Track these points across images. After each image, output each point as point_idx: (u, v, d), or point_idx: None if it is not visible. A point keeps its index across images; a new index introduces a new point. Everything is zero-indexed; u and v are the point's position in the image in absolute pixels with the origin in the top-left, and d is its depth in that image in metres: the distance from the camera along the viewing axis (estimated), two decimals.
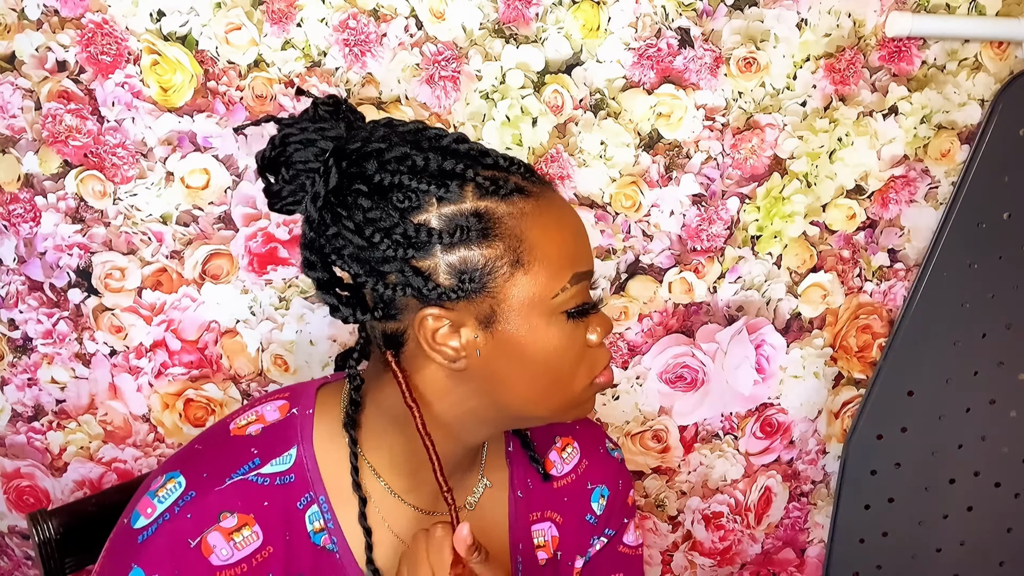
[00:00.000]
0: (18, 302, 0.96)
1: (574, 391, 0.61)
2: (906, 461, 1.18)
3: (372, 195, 0.57)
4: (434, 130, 0.60)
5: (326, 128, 0.59)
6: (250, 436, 0.63)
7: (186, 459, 0.63)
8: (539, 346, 0.58)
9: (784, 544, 1.25)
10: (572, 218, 0.61)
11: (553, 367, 0.59)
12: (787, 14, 0.98)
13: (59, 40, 0.87)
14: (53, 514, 0.77)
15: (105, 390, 1.00)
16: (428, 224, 0.57)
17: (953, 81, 1.05)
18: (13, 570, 1.08)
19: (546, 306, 0.58)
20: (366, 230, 0.57)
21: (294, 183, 0.59)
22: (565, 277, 0.58)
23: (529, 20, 0.93)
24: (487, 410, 0.61)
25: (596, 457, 0.75)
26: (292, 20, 0.90)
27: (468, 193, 0.57)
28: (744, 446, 1.17)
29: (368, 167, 0.57)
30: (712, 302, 1.08)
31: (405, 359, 0.60)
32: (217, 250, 0.96)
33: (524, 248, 0.57)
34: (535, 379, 0.60)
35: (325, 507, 0.63)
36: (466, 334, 0.58)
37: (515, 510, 0.70)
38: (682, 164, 1.02)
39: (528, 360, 0.59)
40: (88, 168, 0.92)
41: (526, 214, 0.58)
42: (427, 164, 0.57)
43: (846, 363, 1.16)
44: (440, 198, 0.57)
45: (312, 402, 0.65)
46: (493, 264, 0.57)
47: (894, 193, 1.08)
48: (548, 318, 0.58)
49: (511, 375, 0.59)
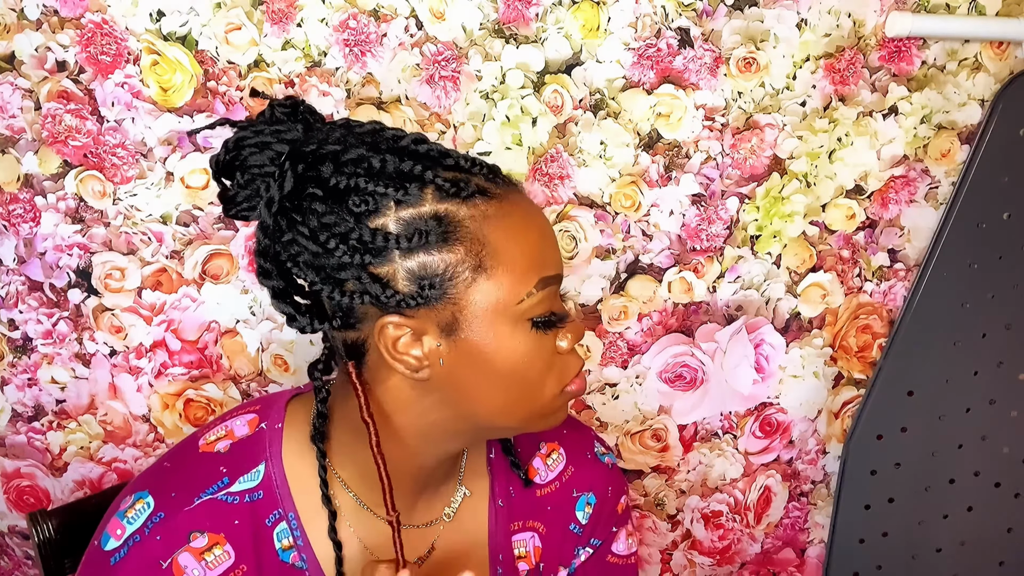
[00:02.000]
0: (18, 302, 0.96)
1: (543, 400, 0.59)
2: (906, 461, 1.18)
3: (327, 199, 0.55)
4: (392, 131, 0.58)
5: (282, 131, 0.57)
6: (218, 453, 0.62)
7: (154, 478, 0.61)
8: (504, 354, 0.56)
9: (784, 544, 1.25)
10: (538, 220, 0.59)
11: (520, 376, 0.57)
12: (787, 14, 0.98)
13: (59, 40, 0.87)
14: (52, 514, 0.77)
15: (105, 390, 1.00)
16: (385, 228, 0.54)
17: (953, 81, 1.05)
18: (14, 569, 1.09)
19: (511, 312, 0.56)
20: (321, 236, 0.55)
21: (249, 188, 0.57)
22: (531, 282, 0.56)
23: (529, 20, 0.93)
24: (454, 421, 0.60)
25: (583, 463, 0.73)
26: (292, 20, 0.90)
27: (428, 196, 0.55)
28: (743, 445, 1.17)
29: (324, 170, 0.55)
30: (711, 302, 1.09)
31: (368, 370, 0.59)
32: (217, 250, 0.97)
33: (486, 252, 0.55)
34: (501, 389, 0.58)
35: (294, 524, 0.62)
36: (428, 342, 0.56)
37: (495, 520, 0.68)
38: (682, 164, 1.02)
39: (493, 369, 0.57)
40: (88, 168, 0.92)
41: (488, 217, 0.55)
42: (384, 166, 0.55)
43: (846, 363, 1.16)
44: (398, 201, 0.55)
45: (282, 415, 0.64)
46: (454, 269, 0.55)
47: (894, 193, 1.08)
48: (513, 325, 0.56)
49: (476, 384, 0.57)
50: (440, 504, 0.66)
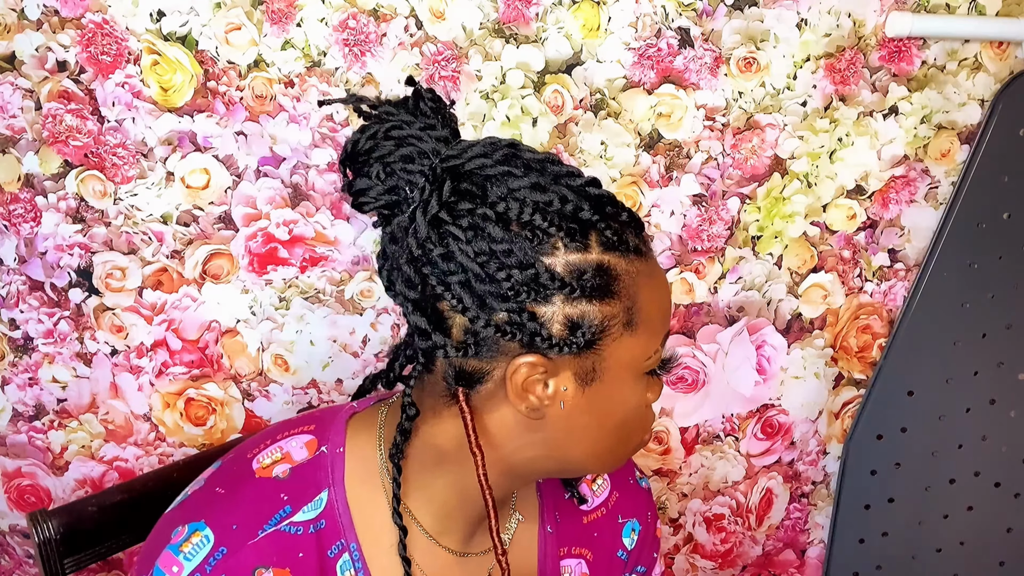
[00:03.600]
0: (19, 302, 0.96)
1: (629, 449, 0.61)
2: (906, 461, 1.18)
3: (498, 225, 0.51)
4: (566, 167, 0.55)
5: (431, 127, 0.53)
6: (277, 479, 0.58)
7: (209, 506, 0.57)
8: (623, 406, 0.57)
9: (785, 545, 1.25)
10: (666, 280, 0.60)
11: (626, 425, 0.59)
12: (787, 14, 0.98)
13: (59, 40, 0.87)
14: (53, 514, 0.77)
15: (106, 389, 1.01)
16: (554, 269, 0.52)
17: (953, 81, 1.05)
18: (14, 569, 1.09)
19: (639, 367, 0.57)
20: (491, 263, 0.51)
21: (388, 183, 0.53)
22: (659, 339, 0.57)
23: (529, 20, 0.93)
24: (545, 460, 0.58)
25: (627, 489, 0.72)
26: (292, 20, 0.90)
27: (593, 244, 0.53)
28: (745, 447, 1.17)
29: (492, 191, 0.52)
30: (713, 303, 1.08)
31: (477, 398, 0.56)
32: (217, 250, 0.97)
33: (636, 309, 0.55)
34: (606, 436, 0.58)
35: (356, 555, 0.59)
36: (556, 385, 0.54)
37: (544, 545, 0.67)
38: (682, 164, 1.02)
39: (608, 416, 0.57)
40: (88, 168, 0.92)
41: (641, 274, 0.55)
42: (562, 205, 0.52)
43: (847, 363, 1.16)
44: (566, 245, 0.52)
45: (342, 438, 0.60)
46: (608, 322, 0.54)
47: (894, 193, 1.08)
48: (637, 378, 0.57)
49: (585, 430, 0.57)
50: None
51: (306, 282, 0.99)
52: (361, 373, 1.04)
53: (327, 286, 0.99)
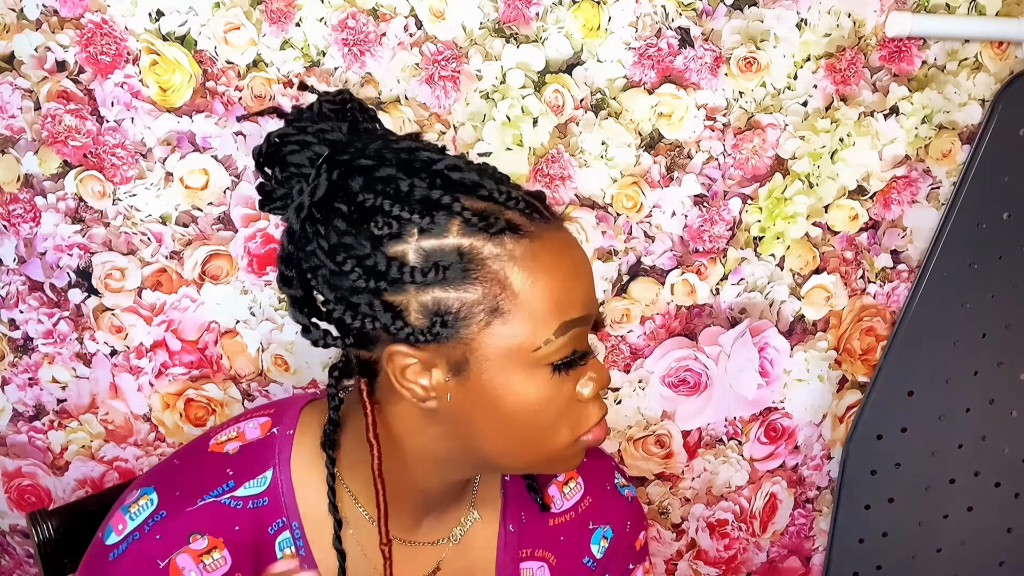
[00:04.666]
0: (18, 302, 0.96)
1: (555, 447, 0.56)
2: (906, 461, 1.18)
3: (351, 216, 0.53)
4: (428, 152, 0.55)
5: (326, 130, 0.55)
6: (227, 455, 0.61)
7: (161, 475, 0.61)
8: (515, 399, 0.54)
9: (789, 552, 1.25)
10: (570, 259, 0.55)
11: (530, 422, 0.55)
12: (787, 14, 0.98)
13: (58, 40, 0.87)
14: (53, 514, 0.77)
15: (106, 390, 1.00)
16: (404, 257, 0.52)
17: (953, 81, 1.04)
18: (15, 568, 1.09)
19: (526, 358, 0.53)
20: (338, 255, 0.53)
21: (285, 186, 0.55)
22: (551, 327, 0.53)
23: (529, 20, 0.93)
24: (460, 453, 0.58)
25: (602, 494, 0.70)
26: (291, 20, 0.90)
27: (453, 227, 0.52)
28: (748, 451, 1.17)
29: (353, 184, 0.53)
30: (715, 304, 1.08)
31: (380, 389, 0.57)
32: (216, 251, 0.96)
33: (506, 296, 0.52)
34: (509, 431, 0.55)
35: (298, 533, 0.60)
36: (436, 375, 0.54)
37: (504, 545, 0.66)
38: (683, 164, 1.01)
39: (502, 412, 0.54)
40: (88, 168, 0.92)
41: (514, 257, 0.53)
42: (412, 190, 0.52)
43: (850, 366, 1.16)
44: (422, 229, 0.52)
45: (294, 421, 0.62)
46: (469, 310, 0.52)
47: (896, 194, 1.08)
48: (528, 371, 0.53)
49: (483, 424, 0.55)
50: (449, 524, 0.65)
51: None
52: None
53: None
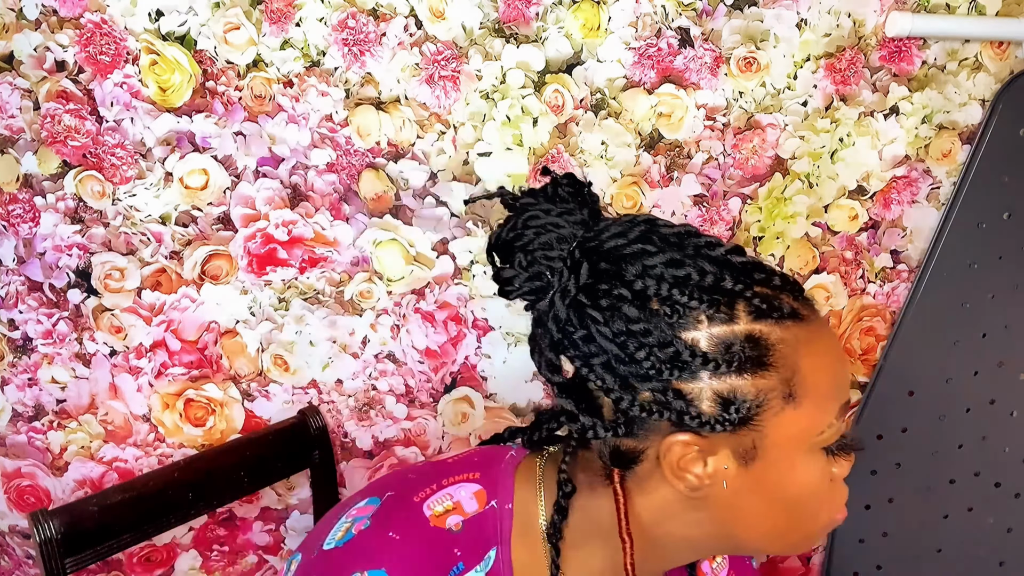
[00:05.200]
0: (18, 302, 0.96)
1: (813, 529, 0.57)
2: (906, 461, 1.18)
3: (636, 304, 0.51)
4: (705, 238, 0.54)
5: (569, 212, 0.54)
6: (450, 531, 0.57)
7: (386, 553, 0.55)
8: (793, 484, 0.54)
9: None
10: (839, 345, 0.57)
11: (802, 505, 0.55)
12: (787, 14, 0.98)
13: (58, 40, 0.87)
14: (54, 514, 0.77)
15: (105, 390, 1.00)
16: (697, 344, 0.51)
17: (953, 81, 1.04)
18: (14, 569, 1.08)
19: (810, 443, 0.53)
20: (629, 343, 0.51)
21: (531, 269, 0.53)
22: (833, 411, 0.54)
23: (529, 19, 0.93)
24: (714, 539, 0.56)
25: (742, 568, 0.71)
26: (291, 20, 0.89)
27: (741, 314, 0.51)
28: None
29: (628, 270, 0.52)
30: None
31: (634, 478, 0.55)
32: (216, 251, 0.96)
33: (797, 380, 0.52)
34: (780, 516, 0.55)
35: None
36: (714, 463, 0.53)
37: None
38: (683, 164, 1.01)
39: (779, 497, 0.54)
40: (87, 168, 0.92)
41: (800, 341, 0.52)
42: (701, 277, 0.51)
43: (850, 366, 1.16)
44: (711, 317, 0.51)
45: (511, 494, 0.59)
46: (765, 396, 0.51)
47: (896, 194, 1.08)
48: (808, 455, 0.54)
49: (755, 510, 0.54)
50: None
51: (305, 283, 0.99)
52: (361, 373, 1.04)
53: (326, 287, 0.99)
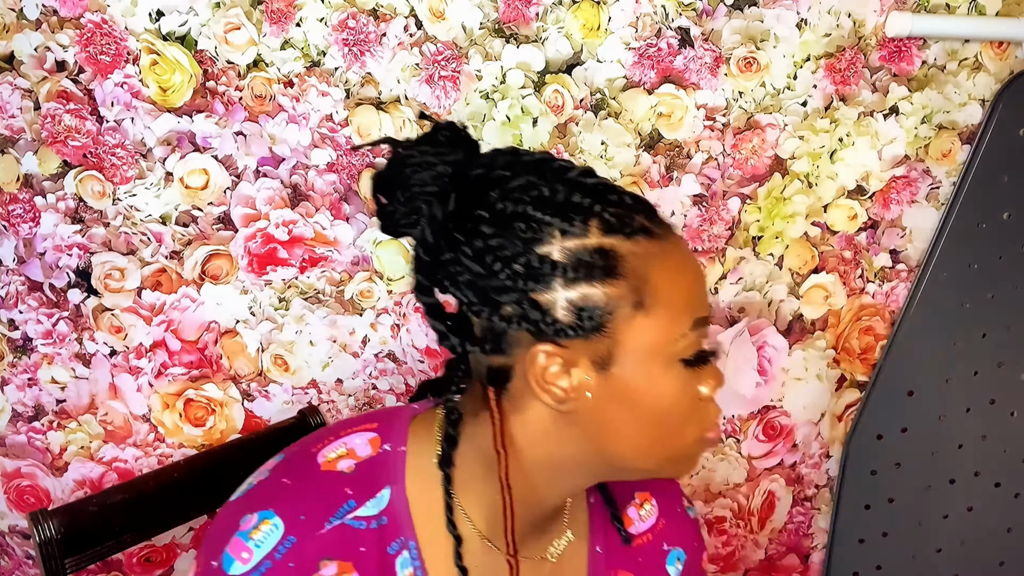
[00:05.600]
0: (18, 302, 0.96)
1: (682, 445, 0.59)
2: (906, 461, 1.18)
3: (495, 223, 0.55)
4: (560, 162, 0.58)
5: (444, 152, 0.58)
6: (342, 473, 0.60)
7: (277, 496, 0.59)
8: (653, 393, 0.56)
9: (788, 549, 1.25)
10: (693, 262, 0.59)
11: (665, 417, 0.57)
12: (787, 14, 0.98)
13: (58, 40, 0.87)
14: (54, 514, 0.77)
15: (105, 390, 1.00)
16: (550, 256, 0.54)
17: (953, 81, 1.04)
18: (14, 569, 1.08)
19: (664, 352, 0.56)
20: (486, 258, 0.55)
21: (409, 205, 0.57)
22: (687, 323, 0.56)
23: (529, 20, 0.93)
24: (588, 457, 0.59)
25: (674, 517, 0.72)
26: (291, 20, 0.90)
27: (593, 229, 0.55)
28: (747, 449, 1.17)
29: (491, 195, 0.56)
30: (713, 303, 1.08)
31: (508, 398, 0.58)
32: (216, 250, 0.96)
33: (647, 290, 0.55)
34: (645, 428, 0.57)
35: (415, 554, 0.60)
36: (577, 375, 0.55)
37: (594, 565, 0.67)
38: (683, 164, 1.01)
39: (640, 407, 0.56)
40: (87, 168, 0.92)
41: (651, 255, 0.55)
42: (553, 196, 0.55)
43: (848, 365, 1.16)
44: (564, 231, 0.55)
45: (404, 438, 0.62)
46: (615, 303, 0.54)
47: (895, 193, 1.08)
48: (666, 365, 0.56)
49: (620, 422, 0.57)
50: (545, 544, 0.65)
51: (306, 282, 0.99)
52: (361, 373, 1.04)
53: (327, 286, 0.99)
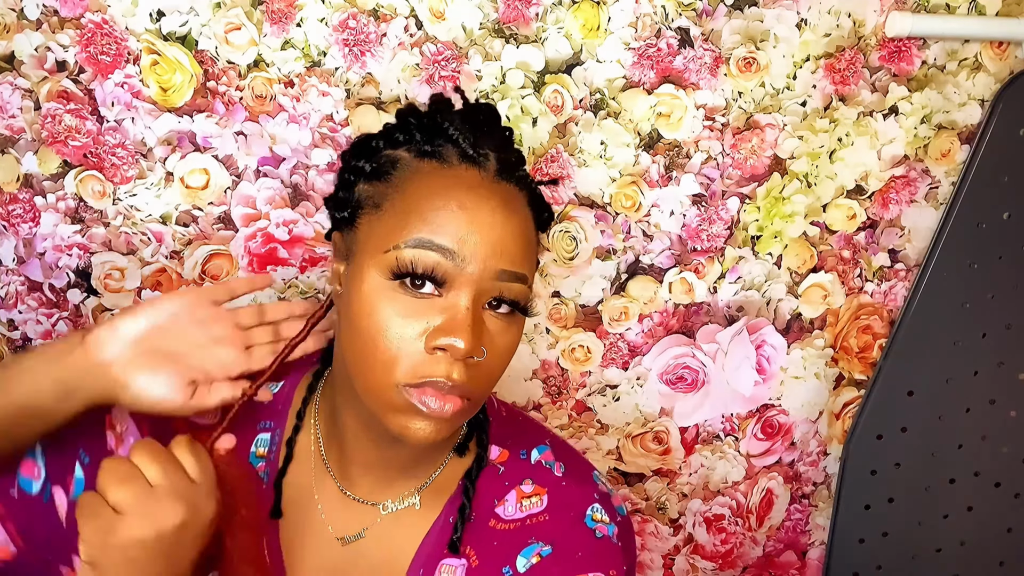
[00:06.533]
0: (17, 302, 0.96)
1: (385, 380, 0.55)
2: (906, 461, 1.18)
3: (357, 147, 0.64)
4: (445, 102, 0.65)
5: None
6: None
7: None
8: (358, 297, 0.56)
9: (785, 547, 1.25)
10: (472, 203, 0.55)
11: (363, 329, 0.55)
12: (787, 14, 0.98)
13: (58, 40, 0.87)
14: None
15: None
16: (359, 166, 0.62)
17: (953, 81, 1.05)
18: None
19: (379, 259, 0.56)
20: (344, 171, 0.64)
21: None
22: (405, 236, 0.55)
23: (529, 20, 0.93)
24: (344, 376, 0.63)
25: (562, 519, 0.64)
26: (292, 20, 0.90)
27: (402, 144, 0.61)
28: (745, 448, 1.17)
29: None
30: (712, 302, 1.08)
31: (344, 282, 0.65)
32: (217, 250, 0.96)
33: (392, 196, 0.58)
34: (351, 336, 0.57)
35: (277, 439, 0.68)
36: (334, 264, 0.63)
37: (435, 535, 0.64)
38: (682, 164, 1.02)
39: (348, 309, 0.58)
40: (87, 168, 0.92)
41: (419, 172, 0.58)
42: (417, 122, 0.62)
43: (847, 364, 1.16)
44: (399, 142, 0.61)
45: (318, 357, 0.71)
46: (365, 200, 0.59)
47: (894, 193, 1.08)
48: (375, 270, 0.56)
49: (342, 322, 0.60)
50: (385, 493, 0.65)
51: (306, 282, 0.99)
52: None
53: (327, 286, 0.99)
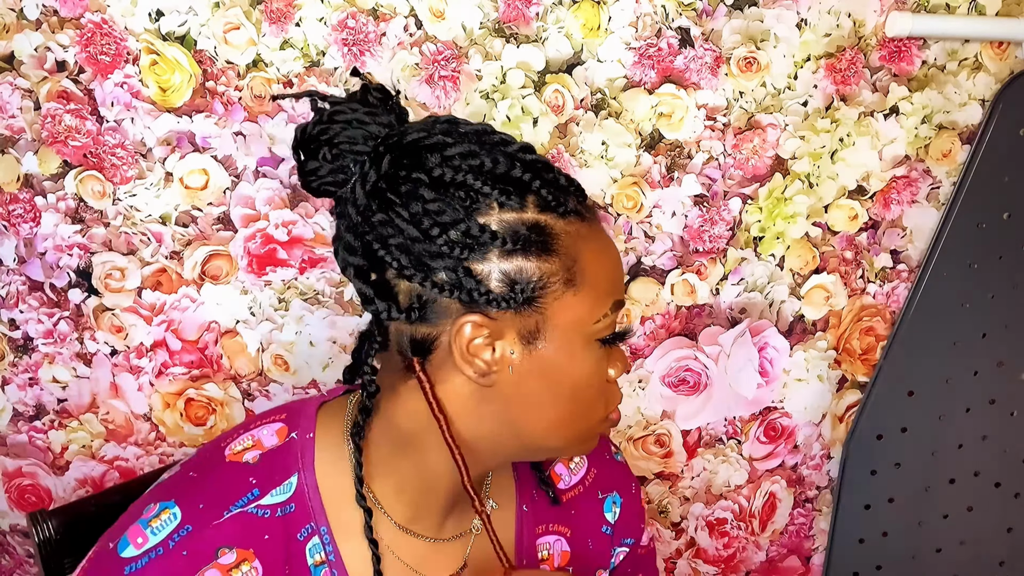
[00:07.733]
0: (18, 302, 0.96)
1: (590, 423, 0.61)
2: (906, 461, 1.18)
3: (434, 187, 0.55)
4: (500, 135, 0.58)
5: (376, 113, 0.57)
6: (247, 464, 0.60)
7: (180, 488, 0.59)
8: (572, 370, 0.57)
9: (789, 551, 1.25)
10: (615, 247, 0.61)
11: (579, 394, 0.58)
12: (787, 14, 0.97)
13: (58, 40, 0.87)
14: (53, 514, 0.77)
15: (106, 389, 1.00)
16: (490, 227, 0.54)
17: (953, 81, 1.04)
18: (15, 568, 1.09)
19: (587, 331, 0.57)
20: (424, 222, 0.54)
21: (335, 163, 0.56)
22: (607, 304, 0.58)
23: (529, 19, 0.93)
24: (503, 435, 0.59)
25: (604, 464, 0.73)
26: (291, 20, 0.90)
27: (530, 204, 0.56)
28: (748, 451, 1.17)
29: (430, 160, 0.55)
30: (715, 304, 1.08)
31: (431, 368, 0.57)
32: (216, 251, 0.96)
33: (577, 269, 0.56)
34: (560, 404, 0.58)
35: (327, 539, 0.60)
36: (502, 348, 0.56)
37: (521, 525, 0.68)
38: (684, 164, 1.01)
39: (558, 383, 0.57)
40: (87, 168, 0.92)
41: (581, 236, 0.57)
42: (493, 167, 0.55)
43: (850, 366, 1.16)
44: (502, 204, 0.55)
45: (312, 424, 0.62)
46: (547, 279, 0.55)
47: (896, 194, 1.08)
48: (586, 343, 0.57)
49: (537, 397, 0.57)
50: (470, 516, 0.65)
51: (305, 283, 0.99)
52: None
53: (326, 287, 0.99)
